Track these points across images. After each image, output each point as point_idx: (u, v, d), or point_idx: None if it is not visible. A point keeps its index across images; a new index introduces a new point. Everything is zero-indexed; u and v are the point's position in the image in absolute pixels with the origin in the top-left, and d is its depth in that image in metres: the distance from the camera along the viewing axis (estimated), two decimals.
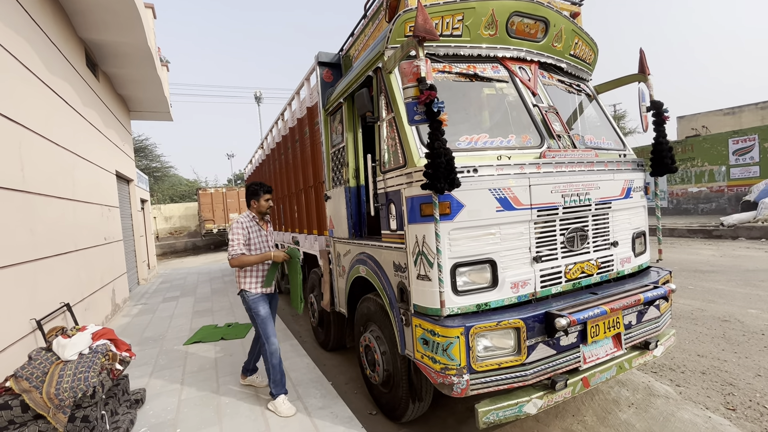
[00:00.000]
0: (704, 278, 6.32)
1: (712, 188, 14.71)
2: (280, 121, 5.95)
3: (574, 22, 2.99)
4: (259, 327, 3.02)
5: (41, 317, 3.42)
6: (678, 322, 4.43)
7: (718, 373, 3.30)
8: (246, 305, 3.08)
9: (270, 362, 2.95)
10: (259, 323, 3.01)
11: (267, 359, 2.98)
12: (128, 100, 8.96)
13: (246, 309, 3.10)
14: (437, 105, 1.96)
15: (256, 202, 3.10)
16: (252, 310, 3.04)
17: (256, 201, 3.10)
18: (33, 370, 2.35)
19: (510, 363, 2.11)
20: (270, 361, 2.95)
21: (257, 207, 3.11)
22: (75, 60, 5.42)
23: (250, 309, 3.05)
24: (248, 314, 3.11)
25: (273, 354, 2.95)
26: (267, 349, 2.96)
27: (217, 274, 10.90)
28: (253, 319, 3.07)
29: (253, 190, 3.11)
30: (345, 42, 3.73)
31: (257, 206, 3.11)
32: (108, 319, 6.04)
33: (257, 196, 3.10)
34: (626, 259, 2.76)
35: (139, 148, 25.68)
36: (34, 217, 3.65)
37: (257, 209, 3.12)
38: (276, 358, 2.96)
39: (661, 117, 2.92)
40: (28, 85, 3.83)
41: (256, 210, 3.12)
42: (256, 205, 3.11)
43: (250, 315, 3.08)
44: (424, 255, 2.20)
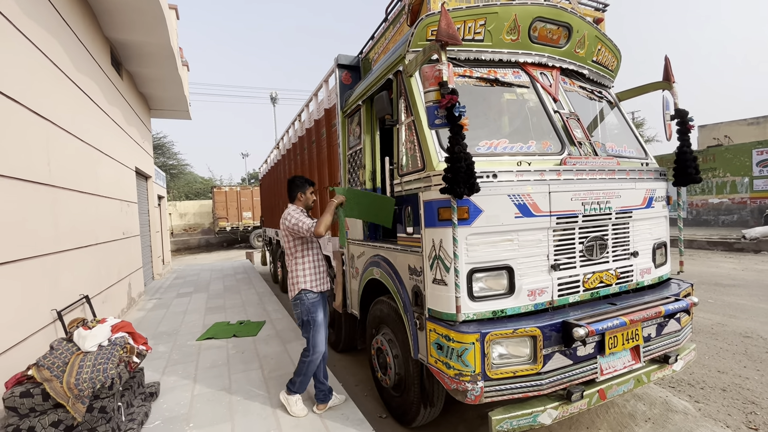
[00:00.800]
0: (725, 292, 6.14)
1: (734, 200, 14.30)
2: (296, 122, 6.01)
3: (597, 28, 2.96)
4: (312, 333, 2.82)
5: (62, 308, 3.52)
6: (698, 337, 4.31)
7: (740, 390, 3.19)
8: (304, 308, 2.83)
9: (306, 367, 2.82)
10: (315, 329, 2.83)
11: (303, 362, 2.83)
12: (149, 99, 9.16)
13: (300, 313, 2.85)
14: (458, 109, 1.96)
15: (303, 195, 2.98)
16: (311, 314, 2.82)
17: (303, 194, 2.98)
18: (54, 360, 2.41)
19: (525, 372, 2.08)
20: (307, 366, 2.82)
21: (304, 200, 2.99)
22: (101, 58, 5.57)
23: (308, 312, 2.82)
24: (301, 319, 2.86)
25: (313, 362, 2.83)
26: (310, 355, 2.81)
27: (230, 271, 11.03)
28: (307, 324, 2.83)
29: (300, 182, 2.99)
30: (365, 45, 3.76)
31: (304, 199, 2.99)
32: (124, 312, 6.16)
33: (304, 189, 2.98)
34: (646, 269, 2.71)
35: (157, 145, 26.24)
36: (58, 211, 3.76)
37: (304, 203, 2.99)
38: (314, 366, 2.84)
39: (685, 126, 2.85)
40: (56, 82, 3.95)
41: (303, 203, 2.99)
42: (303, 198, 2.98)
43: (306, 320, 2.83)
44: (441, 259, 2.19)
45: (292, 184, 3.01)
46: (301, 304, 2.83)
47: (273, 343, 4.53)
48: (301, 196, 2.98)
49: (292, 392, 2.91)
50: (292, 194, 2.99)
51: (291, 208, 2.89)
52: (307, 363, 2.83)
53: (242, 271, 10.88)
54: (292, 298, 2.88)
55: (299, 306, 2.85)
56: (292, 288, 2.89)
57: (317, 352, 2.83)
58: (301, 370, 2.86)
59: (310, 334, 2.84)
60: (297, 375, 2.88)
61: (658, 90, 3.05)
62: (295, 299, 2.86)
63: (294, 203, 2.98)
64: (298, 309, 2.86)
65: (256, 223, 19.76)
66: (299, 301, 2.84)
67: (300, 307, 2.84)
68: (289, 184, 3.02)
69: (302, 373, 2.85)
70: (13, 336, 2.83)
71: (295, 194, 2.98)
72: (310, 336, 2.84)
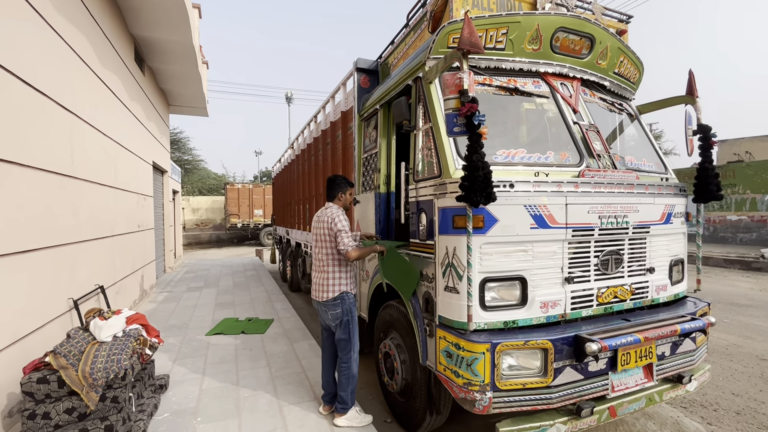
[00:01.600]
0: (741, 312, 5.98)
1: (753, 217, 13.94)
2: (312, 123, 6.07)
3: (620, 39, 2.93)
4: (351, 334, 2.80)
5: (78, 297, 3.60)
6: (712, 357, 4.21)
7: (755, 414, 3.11)
8: (345, 308, 2.79)
9: (351, 371, 2.79)
10: (354, 329, 2.81)
11: (348, 367, 2.79)
12: (169, 95, 9.34)
13: (339, 314, 2.79)
14: (478, 118, 1.96)
15: (343, 195, 2.94)
16: (351, 314, 2.81)
17: (343, 194, 2.94)
18: (71, 348, 2.46)
19: (535, 384, 2.06)
20: (351, 371, 2.79)
21: (344, 200, 2.95)
22: (125, 54, 5.71)
23: (349, 313, 2.80)
24: (340, 320, 2.79)
25: (356, 361, 2.82)
26: (351, 356, 2.80)
27: (239, 268, 11.14)
28: (346, 325, 2.79)
29: (340, 182, 2.95)
30: (384, 50, 3.78)
31: (344, 199, 2.95)
32: (136, 303, 6.27)
33: (345, 189, 2.95)
34: (662, 286, 2.66)
35: (173, 140, 26.65)
36: (79, 202, 3.85)
37: (343, 203, 2.96)
38: (357, 365, 2.83)
39: (708, 141, 2.81)
40: (82, 77, 4.06)
41: (342, 204, 2.95)
42: (342, 198, 2.94)
43: (346, 320, 2.79)
44: (454, 267, 2.18)
45: (334, 183, 2.96)
46: (343, 304, 2.79)
47: (281, 341, 4.56)
48: (341, 196, 2.94)
49: (346, 409, 2.79)
50: (333, 193, 2.94)
51: (335, 210, 2.83)
52: (350, 364, 2.79)
53: (252, 268, 10.98)
54: (330, 300, 2.79)
55: (339, 306, 2.79)
56: (329, 289, 2.80)
57: (356, 350, 2.83)
58: (348, 377, 2.79)
59: (350, 335, 2.81)
60: (344, 389, 2.79)
61: (681, 104, 3.00)
62: (334, 300, 2.79)
63: (333, 202, 2.94)
64: (338, 309, 2.79)
65: (266, 221, 19.93)
66: (340, 302, 2.79)
67: (341, 307, 2.79)
68: (330, 183, 2.97)
69: (348, 379, 2.79)
70: (31, 323, 2.91)
71: (336, 193, 2.93)
72: (350, 336, 2.81)
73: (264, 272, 10.22)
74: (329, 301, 2.79)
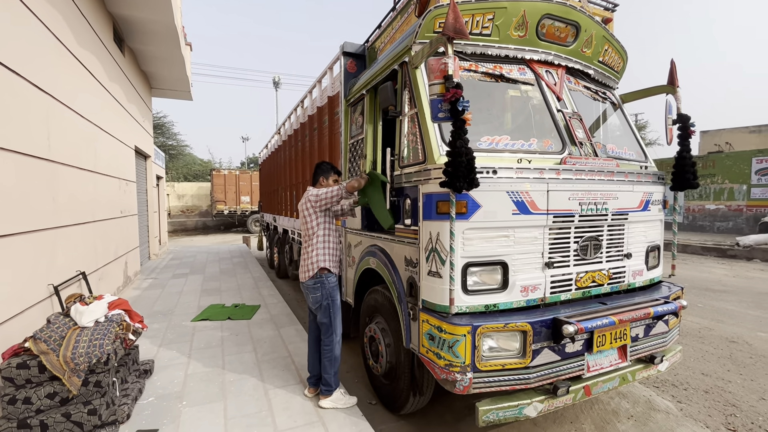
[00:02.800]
0: (715, 297, 6.23)
1: (730, 207, 14.38)
2: (299, 108, 5.98)
3: (605, 28, 2.95)
4: (333, 318, 2.82)
5: (58, 283, 3.54)
6: (684, 339, 4.39)
7: (722, 393, 3.27)
8: (325, 291, 2.79)
9: (333, 354, 2.83)
10: (335, 313, 2.83)
11: (330, 350, 2.82)
12: (151, 77, 9.07)
13: (319, 297, 2.79)
14: (462, 104, 1.96)
15: (325, 180, 3.00)
16: (332, 297, 2.81)
17: (325, 179, 3.00)
18: (51, 334, 2.44)
19: (514, 365, 2.12)
20: (333, 353, 2.83)
21: (325, 185, 2.99)
22: (103, 34, 5.50)
23: (330, 296, 2.81)
24: (320, 303, 2.81)
25: (338, 344, 2.86)
26: (333, 339, 2.83)
27: (226, 255, 11.06)
28: (326, 309, 2.80)
29: (326, 168, 3.01)
30: (371, 34, 3.73)
31: (326, 184, 2.99)
32: (119, 290, 6.19)
33: (327, 175, 3.00)
34: (638, 271, 2.75)
35: (157, 125, 25.98)
36: (56, 186, 3.75)
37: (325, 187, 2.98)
38: (339, 348, 2.88)
39: (686, 131, 2.87)
40: (58, 56, 3.91)
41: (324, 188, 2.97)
42: (324, 183, 2.99)
43: (326, 304, 2.80)
44: (437, 252, 2.21)
45: (318, 168, 3.03)
46: (323, 287, 2.79)
47: (267, 327, 4.58)
48: (323, 181, 3.00)
49: (330, 391, 2.84)
50: (315, 177, 3.03)
51: (313, 189, 2.91)
52: (333, 346, 2.84)
53: (238, 255, 10.92)
54: (310, 279, 2.80)
55: (320, 289, 2.79)
56: (309, 268, 2.81)
57: (338, 334, 2.88)
58: (330, 360, 2.83)
59: (330, 318, 2.83)
60: (327, 371, 2.83)
61: (662, 94, 3.05)
62: (315, 281, 2.79)
63: (316, 187, 2.98)
64: (318, 292, 2.79)
65: (254, 208, 19.74)
66: (320, 284, 2.79)
67: (321, 290, 2.79)
68: (315, 169, 3.05)
69: (331, 362, 2.83)
70: (9, 309, 2.85)
71: (317, 178, 3.02)
72: (331, 320, 2.83)
73: (251, 259, 10.17)
74: (309, 281, 2.84)
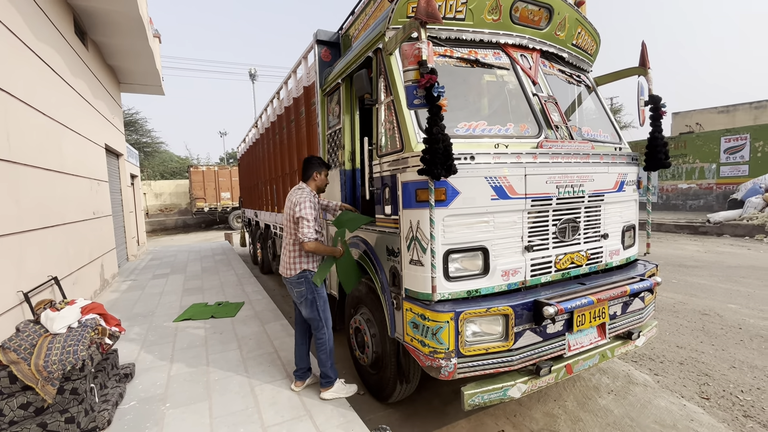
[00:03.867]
0: (688, 273, 6.47)
1: (701, 185, 14.93)
2: (275, 100, 5.84)
3: (578, 11, 2.95)
4: (320, 311, 2.81)
5: (28, 290, 3.39)
6: (660, 314, 4.55)
7: (695, 364, 3.41)
8: (306, 287, 2.78)
9: (327, 347, 2.82)
10: (321, 307, 2.82)
11: (323, 344, 2.81)
12: (118, 72, 8.69)
13: (303, 291, 2.79)
14: (437, 90, 1.94)
15: (319, 176, 2.85)
16: (316, 293, 2.80)
17: (318, 174, 2.84)
18: (21, 342, 2.33)
19: (497, 348, 2.15)
20: (327, 346, 2.82)
21: (319, 181, 2.86)
22: (63, 27, 5.21)
23: (312, 292, 2.79)
24: (305, 297, 2.79)
25: (330, 337, 2.85)
26: (325, 333, 2.82)
27: (208, 252, 10.84)
28: (313, 303, 2.80)
29: (317, 163, 2.86)
30: (345, 21, 3.64)
31: (319, 180, 2.86)
32: (96, 294, 6.00)
33: (320, 170, 2.85)
34: (615, 251, 2.81)
35: (129, 122, 25.04)
36: (19, 188, 3.57)
37: (318, 184, 2.87)
38: (332, 341, 2.86)
39: (658, 112, 2.92)
40: (13, 51, 3.68)
41: (317, 185, 2.86)
42: (318, 178, 2.85)
43: (312, 298, 2.79)
44: (418, 240, 2.21)
45: (309, 163, 2.87)
46: (306, 282, 2.78)
47: (252, 323, 4.52)
48: (316, 176, 2.86)
49: (331, 383, 2.84)
50: (308, 173, 2.86)
51: (306, 194, 2.75)
52: (326, 339, 2.82)
53: (221, 253, 10.72)
54: (293, 277, 2.79)
55: (303, 284, 2.78)
56: (291, 267, 2.80)
57: (329, 326, 2.85)
58: (326, 353, 2.82)
59: (318, 312, 2.81)
60: (324, 364, 2.82)
61: (634, 75, 3.09)
62: (298, 278, 2.78)
63: (307, 183, 2.86)
64: (302, 287, 2.79)
65: (235, 204, 19.38)
66: (303, 280, 2.78)
67: (304, 285, 2.78)
68: (306, 164, 2.89)
69: (327, 354, 2.82)
70: None
71: (310, 173, 2.85)
72: (319, 313, 2.81)
73: (234, 256, 10.01)
74: (293, 278, 2.81)
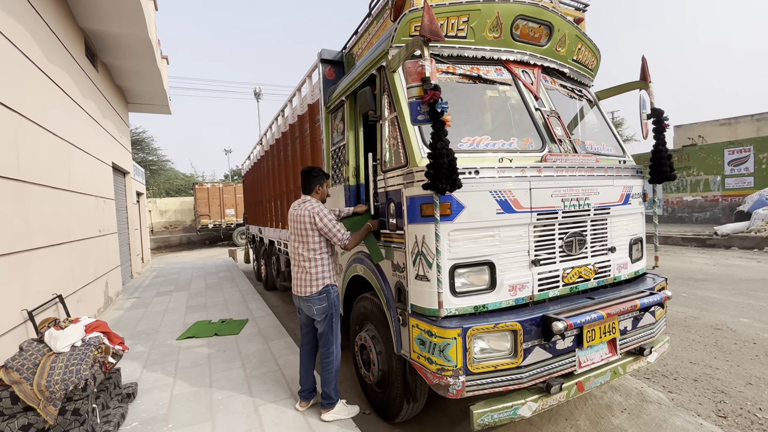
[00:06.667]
0: (697, 286, 6.37)
1: (706, 197, 14.84)
2: (279, 118, 5.93)
3: (578, 27, 3.00)
4: (334, 327, 2.76)
5: (33, 308, 3.39)
6: (671, 329, 4.46)
7: (710, 380, 3.32)
8: (330, 301, 2.75)
9: (334, 366, 2.77)
10: (336, 324, 2.77)
11: (330, 362, 2.76)
12: (127, 92, 8.89)
13: (325, 307, 2.74)
14: (441, 105, 1.96)
15: (321, 188, 2.88)
16: (334, 308, 2.77)
17: (320, 186, 2.88)
18: (24, 362, 2.31)
19: (506, 365, 2.10)
20: (334, 365, 2.77)
21: (321, 193, 2.89)
22: (74, 49, 5.37)
23: (332, 307, 2.76)
24: (326, 313, 2.75)
25: (338, 357, 2.80)
26: (334, 351, 2.77)
27: (212, 269, 10.83)
28: (329, 319, 2.74)
29: (318, 174, 2.87)
30: (348, 40, 3.73)
31: (321, 192, 2.89)
32: (100, 312, 5.98)
33: (322, 182, 2.87)
34: (623, 265, 2.77)
35: (136, 140, 25.46)
36: (28, 207, 3.61)
37: (321, 195, 2.89)
38: (339, 361, 2.81)
39: (661, 125, 2.93)
40: (26, 73, 3.79)
41: (320, 196, 2.89)
42: (320, 190, 2.88)
43: (331, 314, 2.75)
44: (424, 255, 2.19)
45: (310, 175, 2.86)
46: (328, 297, 2.76)
47: (255, 341, 4.48)
48: (318, 189, 2.87)
49: (332, 404, 2.78)
50: (310, 186, 2.85)
51: (315, 204, 2.76)
52: (333, 358, 2.76)
53: (225, 269, 10.71)
54: (314, 294, 2.73)
55: (325, 300, 2.75)
56: (313, 284, 2.74)
57: (338, 344, 2.81)
58: (331, 372, 2.76)
59: (333, 328, 2.78)
60: (327, 384, 2.76)
61: (635, 89, 3.12)
62: (320, 294, 2.74)
63: (311, 195, 2.86)
64: (324, 303, 2.75)
65: (239, 221, 19.45)
66: (326, 295, 2.75)
67: (327, 301, 2.75)
68: (306, 175, 2.87)
69: (332, 375, 2.76)
70: None
71: (313, 186, 2.85)
72: (333, 329, 2.78)
73: (238, 272, 9.99)
74: (314, 295, 2.74)
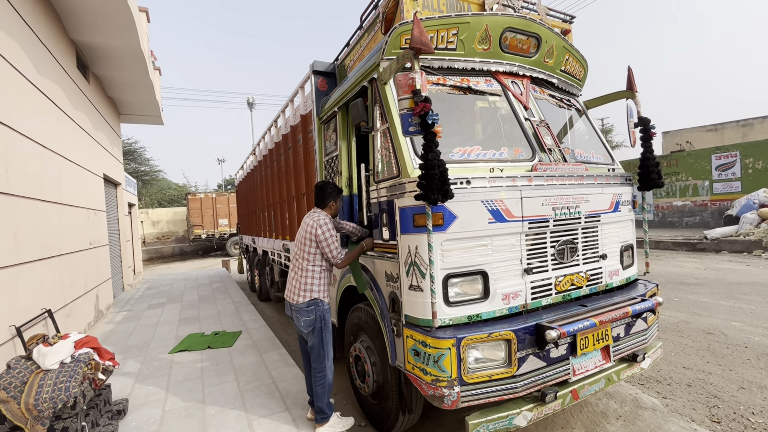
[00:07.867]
0: (689, 291, 6.43)
1: (695, 202, 15.06)
2: (273, 128, 5.94)
3: (565, 39, 3.07)
4: (325, 342, 2.75)
5: (21, 324, 3.32)
6: (664, 335, 4.49)
7: (703, 385, 3.34)
8: (318, 314, 2.74)
9: (326, 380, 2.75)
10: (327, 338, 2.76)
11: (323, 377, 2.74)
12: (118, 103, 8.86)
13: (312, 320, 2.73)
14: (432, 117, 1.99)
15: (335, 204, 2.87)
16: (324, 322, 2.75)
17: (334, 202, 2.87)
18: (11, 380, 2.26)
19: (501, 375, 2.10)
20: (326, 380, 2.75)
21: (334, 208, 2.88)
22: (65, 62, 5.35)
23: (321, 320, 2.74)
24: (313, 326, 2.74)
25: (330, 371, 2.79)
26: (326, 365, 2.76)
27: (205, 280, 10.72)
28: (319, 333, 2.74)
29: (333, 190, 2.86)
30: (340, 52, 3.76)
31: (335, 207, 2.88)
32: (91, 326, 5.88)
33: (336, 198, 2.87)
34: (614, 271, 2.80)
35: (128, 151, 25.34)
36: (18, 221, 3.56)
37: (333, 211, 2.89)
38: (332, 373, 2.81)
39: (648, 133, 2.99)
40: (15, 86, 3.76)
41: (332, 212, 2.88)
42: (334, 206, 2.87)
43: (320, 327, 2.74)
44: (417, 265, 2.20)
45: (324, 191, 2.86)
46: (316, 310, 2.74)
47: (249, 353, 4.42)
48: (332, 205, 2.87)
49: (326, 418, 2.76)
50: (324, 201, 2.86)
51: (323, 216, 2.77)
52: (325, 372, 2.74)
53: (218, 280, 10.60)
54: (302, 304, 2.74)
55: (312, 312, 2.74)
56: (301, 294, 2.74)
57: (330, 358, 2.79)
58: (323, 387, 2.73)
59: (324, 342, 2.76)
60: (320, 399, 2.73)
61: (622, 99, 3.18)
62: (308, 305, 2.74)
63: (324, 210, 2.86)
64: (311, 315, 2.74)
65: (232, 231, 19.33)
66: (313, 308, 2.74)
67: (314, 313, 2.74)
68: (321, 191, 2.87)
69: (324, 389, 2.73)
70: None
71: (327, 202, 2.85)
72: (324, 343, 2.76)
73: (231, 283, 9.89)
74: (301, 305, 2.74)
